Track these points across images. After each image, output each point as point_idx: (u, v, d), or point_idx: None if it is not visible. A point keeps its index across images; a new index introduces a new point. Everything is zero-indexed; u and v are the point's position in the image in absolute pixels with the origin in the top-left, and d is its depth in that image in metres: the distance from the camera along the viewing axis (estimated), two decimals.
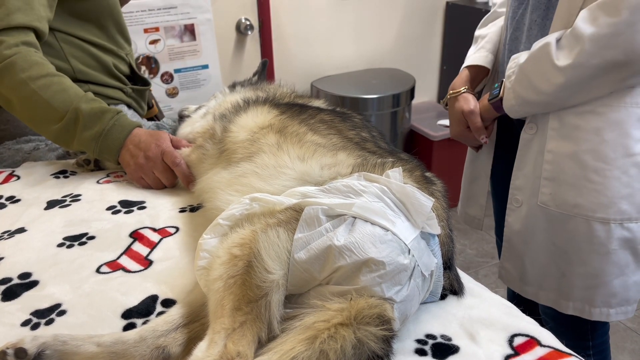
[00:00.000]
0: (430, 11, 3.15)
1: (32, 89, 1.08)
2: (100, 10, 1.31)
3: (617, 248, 1.11)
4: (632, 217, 1.09)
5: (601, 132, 1.07)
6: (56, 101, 1.10)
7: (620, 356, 2.10)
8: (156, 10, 2.31)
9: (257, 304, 0.66)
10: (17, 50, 1.08)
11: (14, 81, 1.08)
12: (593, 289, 1.15)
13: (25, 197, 1.10)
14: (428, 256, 0.74)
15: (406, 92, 2.84)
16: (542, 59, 1.06)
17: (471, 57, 1.35)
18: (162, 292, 0.82)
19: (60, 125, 1.11)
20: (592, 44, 0.99)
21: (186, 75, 2.47)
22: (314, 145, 0.93)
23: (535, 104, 1.11)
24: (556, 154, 1.12)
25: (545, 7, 1.12)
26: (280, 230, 0.71)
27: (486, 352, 0.71)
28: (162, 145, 1.11)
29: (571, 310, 1.19)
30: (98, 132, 1.11)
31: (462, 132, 1.30)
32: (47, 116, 1.11)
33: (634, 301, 1.18)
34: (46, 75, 1.10)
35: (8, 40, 1.08)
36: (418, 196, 0.75)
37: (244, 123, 1.05)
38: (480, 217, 1.44)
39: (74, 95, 1.12)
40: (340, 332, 0.62)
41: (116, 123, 1.12)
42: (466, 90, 1.29)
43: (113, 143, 1.12)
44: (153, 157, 1.11)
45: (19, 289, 0.82)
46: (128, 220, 1.00)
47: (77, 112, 1.10)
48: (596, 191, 1.08)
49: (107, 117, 1.12)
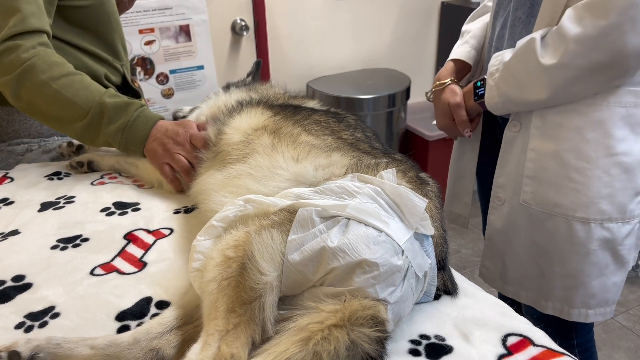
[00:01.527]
0: (426, 11, 3.15)
1: (55, 88, 1.10)
2: (97, 19, 1.31)
3: (597, 248, 1.11)
4: (612, 218, 1.09)
5: (583, 131, 1.06)
6: (80, 98, 1.11)
7: (615, 354, 2.11)
8: (151, 11, 2.31)
9: (251, 305, 0.66)
10: (35, 53, 1.09)
11: (36, 83, 1.09)
12: (572, 289, 1.15)
13: (18, 199, 1.10)
14: (422, 257, 0.75)
15: (401, 92, 2.84)
16: (527, 57, 1.06)
17: (455, 51, 1.35)
18: (157, 294, 0.82)
19: (85, 121, 1.12)
20: (578, 45, 0.99)
21: (181, 76, 2.47)
22: (308, 146, 0.93)
23: (519, 102, 1.11)
24: (538, 153, 1.12)
25: (530, 4, 1.12)
26: (274, 231, 0.71)
27: (480, 352, 0.71)
28: (190, 130, 1.13)
29: (550, 310, 1.19)
30: (123, 124, 1.13)
31: (448, 124, 1.30)
32: (72, 115, 1.12)
33: (612, 302, 1.18)
34: (67, 75, 1.12)
35: (25, 43, 1.09)
36: (412, 197, 0.75)
37: (238, 125, 1.05)
38: (465, 215, 1.43)
39: (96, 91, 1.14)
40: (334, 333, 0.62)
41: (140, 115, 1.14)
42: (452, 82, 1.29)
43: (139, 134, 1.13)
44: (182, 142, 1.11)
45: (12, 291, 0.82)
46: (122, 222, 1.00)
47: (101, 106, 1.12)
48: (577, 190, 1.08)
49: (131, 109, 1.14)
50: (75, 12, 1.27)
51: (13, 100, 1.14)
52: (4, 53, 1.08)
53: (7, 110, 1.31)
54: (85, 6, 1.27)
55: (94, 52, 1.33)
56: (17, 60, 1.08)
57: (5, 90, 1.13)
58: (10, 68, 1.08)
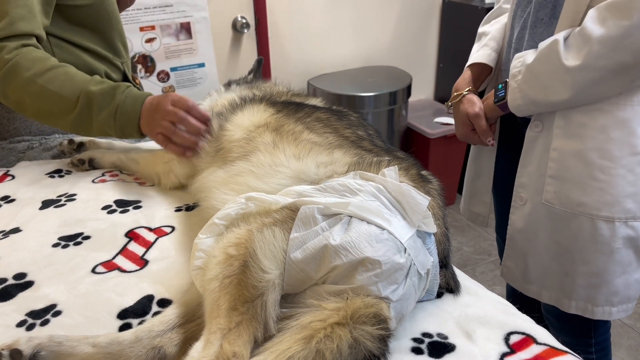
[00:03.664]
0: (427, 9, 3.14)
1: (40, 84, 1.10)
2: (97, 18, 1.31)
3: (621, 247, 1.11)
4: (636, 216, 1.09)
5: (607, 130, 1.06)
6: (66, 91, 1.11)
7: (617, 353, 2.10)
8: (152, 9, 2.31)
9: (253, 303, 0.65)
10: (18, 52, 1.10)
11: (21, 81, 1.10)
12: (596, 287, 1.15)
13: (19, 196, 1.10)
14: (424, 255, 0.74)
15: (403, 89, 2.83)
16: (551, 59, 1.05)
17: (474, 55, 1.34)
18: (158, 292, 0.82)
19: (75, 113, 1.12)
20: (601, 46, 0.98)
21: (182, 74, 2.47)
22: (310, 144, 0.93)
23: (542, 103, 1.11)
24: (561, 152, 1.12)
25: (552, 5, 1.11)
26: (276, 229, 0.71)
27: (482, 350, 0.71)
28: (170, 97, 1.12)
29: (574, 309, 1.19)
30: (113, 108, 1.12)
31: (468, 134, 1.30)
32: (61, 108, 1.12)
33: (634, 299, 1.18)
34: (50, 69, 1.12)
35: (9, 45, 1.10)
36: (414, 195, 0.75)
37: (240, 121, 1.05)
38: (485, 214, 1.44)
39: (81, 81, 1.13)
40: (337, 331, 0.62)
41: (128, 96, 1.14)
42: (470, 92, 1.28)
43: (131, 115, 1.13)
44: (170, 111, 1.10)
45: (14, 289, 0.82)
46: (123, 220, 1.00)
47: (88, 95, 1.12)
48: (601, 189, 1.08)
49: (118, 92, 1.13)
50: (76, 11, 1.27)
51: (2, 99, 1.14)
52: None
53: (7, 108, 1.30)
54: (86, 5, 1.27)
55: (94, 50, 1.33)
56: (0, 61, 1.09)
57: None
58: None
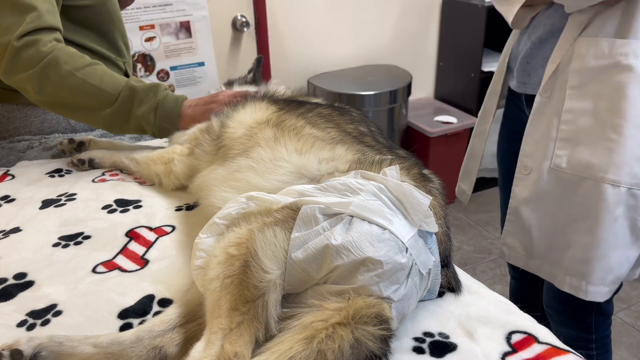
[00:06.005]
0: (427, 7, 3.14)
1: (81, 78, 1.12)
2: (100, 18, 1.32)
3: (621, 215, 1.12)
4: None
5: (624, 87, 1.06)
6: (106, 84, 1.14)
7: (618, 351, 2.10)
8: (151, 8, 2.30)
9: (254, 303, 0.65)
10: (54, 46, 1.11)
11: (60, 74, 1.11)
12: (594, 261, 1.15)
13: (19, 196, 1.10)
14: (426, 254, 0.74)
15: (403, 88, 2.83)
16: None
17: None
18: (159, 291, 0.81)
19: (114, 106, 1.15)
20: None
21: (182, 73, 2.46)
22: (312, 138, 0.92)
23: None
24: (575, 113, 1.12)
25: None
26: (277, 229, 0.70)
27: (484, 349, 0.71)
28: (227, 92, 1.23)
29: (567, 286, 1.19)
30: (154, 103, 1.16)
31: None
32: (101, 101, 1.15)
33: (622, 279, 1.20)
34: (89, 65, 1.14)
35: (43, 38, 1.11)
36: (415, 194, 0.75)
37: (242, 119, 1.05)
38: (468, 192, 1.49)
39: (120, 77, 1.17)
40: (338, 331, 0.61)
41: (169, 94, 1.19)
42: None
43: (171, 112, 1.17)
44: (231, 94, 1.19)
45: (14, 289, 0.82)
46: (124, 220, 1.00)
47: (131, 89, 1.15)
48: (610, 150, 1.09)
49: (159, 90, 1.18)
50: (79, 12, 1.28)
51: (36, 94, 1.14)
52: (23, 48, 1.08)
53: (7, 107, 1.30)
54: (89, 5, 1.28)
55: (96, 50, 1.33)
56: (37, 54, 1.09)
57: (27, 86, 1.13)
58: (32, 62, 1.09)
